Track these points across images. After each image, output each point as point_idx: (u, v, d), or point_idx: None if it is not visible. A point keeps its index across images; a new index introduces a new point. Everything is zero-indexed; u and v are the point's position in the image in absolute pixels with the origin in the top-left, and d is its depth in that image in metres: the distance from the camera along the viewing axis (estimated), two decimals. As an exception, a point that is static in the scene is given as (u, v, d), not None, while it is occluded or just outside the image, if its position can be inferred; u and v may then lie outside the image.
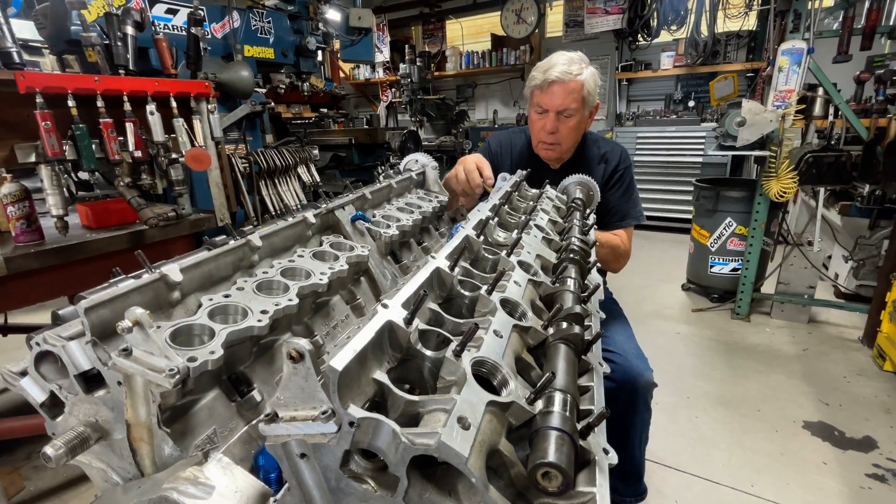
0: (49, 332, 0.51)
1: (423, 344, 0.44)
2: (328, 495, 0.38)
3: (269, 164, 2.40)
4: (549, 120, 1.52)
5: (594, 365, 0.52)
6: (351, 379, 0.37)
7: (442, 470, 0.35)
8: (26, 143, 1.54)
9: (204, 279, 0.61)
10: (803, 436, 2.34)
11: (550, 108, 1.51)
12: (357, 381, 0.38)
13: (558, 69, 1.48)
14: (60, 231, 1.64)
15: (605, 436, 0.41)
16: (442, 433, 0.32)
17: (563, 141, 1.56)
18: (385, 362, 0.43)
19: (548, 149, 1.61)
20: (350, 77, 7.91)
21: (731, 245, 3.71)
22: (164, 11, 2.37)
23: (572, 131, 1.55)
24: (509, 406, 0.40)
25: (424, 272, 0.54)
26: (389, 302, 0.44)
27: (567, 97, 1.48)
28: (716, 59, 5.62)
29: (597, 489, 0.36)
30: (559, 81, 1.47)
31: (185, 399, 0.51)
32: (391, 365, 0.43)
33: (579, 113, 1.52)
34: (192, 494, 0.39)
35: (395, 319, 0.43)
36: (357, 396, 0.38)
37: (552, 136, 1.55)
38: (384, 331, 0.42)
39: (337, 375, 0.34)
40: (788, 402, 2.63)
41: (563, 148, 1.60)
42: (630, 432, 1.48)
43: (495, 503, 0.32)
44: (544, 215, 0.96)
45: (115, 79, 1.63)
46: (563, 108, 1.49)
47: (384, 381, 0.39)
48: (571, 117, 1.52)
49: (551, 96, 1.49)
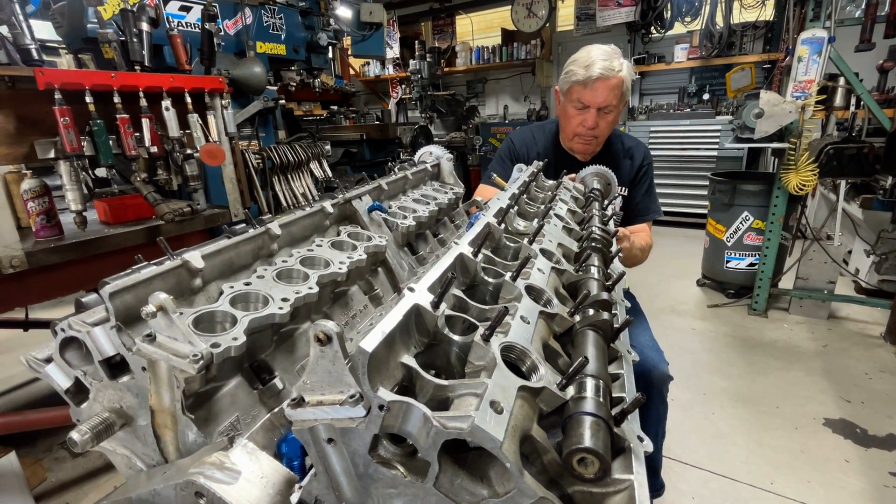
0: (74, 318, 0.51)
1: (450, 329, 0.44)
2: (356, 481, 0.37)
3: (281, 159, 2.41)
4: (591, 116, 1.51)
5: (623, 353, 0.50)
6: (380, 362, 0.36)
7: (473, 456, 0.34)
8: (45, 140, 1.56)
9: (224, 267, 0.61)
10: (824, 433, 2.29)
11: (592, 105, 1.50)
12: (385, 365, 0.37)
13: (600, 65, 1.45)
14: (79, 226, 1.66)
15: (639, 423, 0.40)
16: (475, 416, 0.31)
17: (601, 135, 1.59)
18: (412, 347, 0.42)
19: (586, 143, 1.61)
20: (360, 74, 7.91)
21: (748, 240, 3.64)
22: (178, 9, 2.38)
23: (610, 126, 1.57)
24: (540, 391, 0.39)
25: (448, 258, 0.53)
26: (416, 286, 0.43)
27: (610, 94, 1.47)
28: (731, 51, 5.52)
29: (634, 476, 0.34)
30: (602, 78, 1.45)
31: (208, 386, 0.51)
32: (418, 350, 0.42)
33: (617, 109, 1.53)
34: (219, 479, 0.38)
35: (423, 303, 0.42)
36: (386, 380, 0.37)
37: (593, 130, 1.54)
38: (411, 314, 0.41)
39: (367, 358, 0.33)
40: (808, 399, 2.58)
41: (599, 142, 1.62)
42: (645, 425, 1.46)
43: (530, 488, 0.31)
44: (563, 205, 0.95)
45: (131, 75, 1.65)
46: (606, 104, 1.49)
47: (412, 364, 0.38)
48: (610, 113, 1.52)
49: (594, 93, 1.47)
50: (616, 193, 1.33)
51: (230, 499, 0.37)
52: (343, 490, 0.38)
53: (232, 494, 0.38)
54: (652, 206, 1.70)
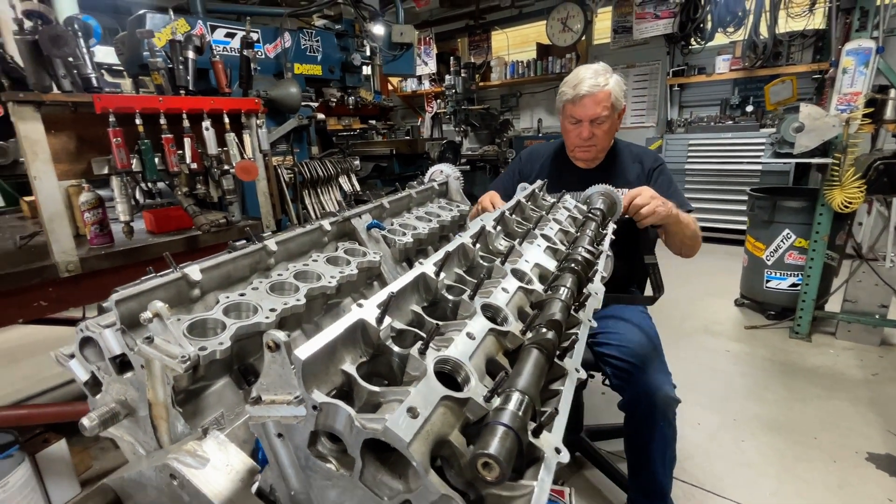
0: (91, 321, 0.60)
1: (399, 342, 0.48)
2: (300, 472, 0.43)
3: (311, 174, 2.55)
4: (584, 128, 1.67)
5: (570, 370, 0.53)
6: (318, 368, 0.42)
7: (395, 456, 0.38)
8: (101, 157, 1.74)
9: (223, 279, 0.68)
10: (866, 469, 2.14)
11: (584, 119, 1.65)
12: (325, 371, 0.43)
13: (587, 83, 1.62)
14: (127, 235, 1.83)
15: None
16: (388, 420, 0.36)
17: (599, 142, 1.71)
18: (359, 356, 0.47)
19: (585, 150, 1.75)
20: (398, 89, 8.15)
21: (790, 258, 3.46)
22: (224, 35, 2.59)
23: (605, 134, 1.70)
24: (466, 402, 0.43)
25: (408, 276, 0.58)
26: (365, 302, 0.49)
27: (598, 107, 1.62)
28: (778, 61, 5.30)
29: (537, 483, 0.38)
30: (589, 95, 1.62)
31: (197, 384, 0.58)
32: (364, 359, 0.47)
33: (610, 118, 1.66)
34: (189, 464, 0.45)
35: (368, 318, 0.47)
36: (323, 384, 0.42)
37: (589, 140, 1.70)
38: (357, 328, 0.47)
39: (301, 364, 0.39)
40: (851, 430, 2.41)
41: (598, 147, 1.74)
42: (650, 447, 1.45)
43: (434, 486, 0.35)
44: (555, 225, 0.98)
45: (176, 99, 1.81)
46: (596, 116, 1.64)
47: (351, 372, 0.43)
48: (603, 123, 1.66)
49: (583, 108, 1.64)
50: (621, 213, 1.34)
51: (197, 482, 0.43)
52: (290, 480, 0.44)
53: (199, 478, 0.44)
54: (683, 200, 1.74)
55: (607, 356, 1.56)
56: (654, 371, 1.41)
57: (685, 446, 2.37)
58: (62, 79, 1.56)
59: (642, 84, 6.45)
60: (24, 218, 2.51)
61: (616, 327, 1.62)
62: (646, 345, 1.52)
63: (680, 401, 1.44)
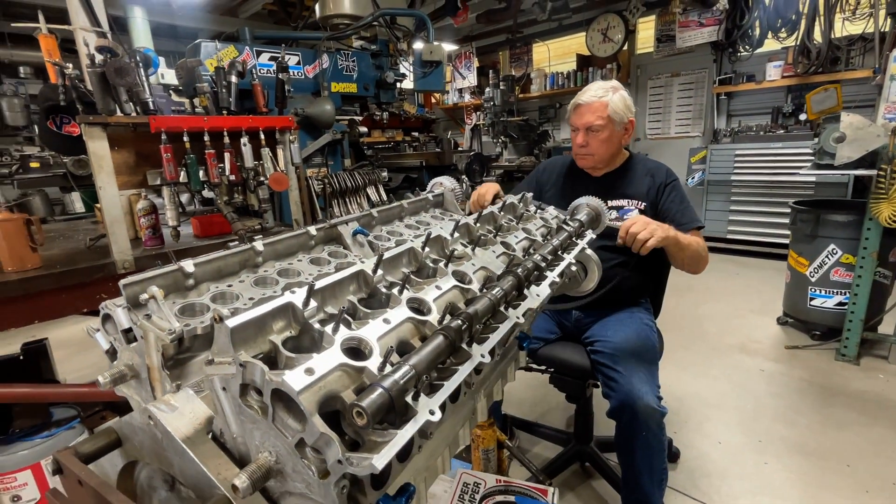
0: (110, 301, 0.76)
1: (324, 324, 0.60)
2: (237, 418, 0.55)
3: (340, 185, 2.75)
4: (580, 135, 1.80)
5: (474, 355, 0.63)
6: (247, 336, 0.54)
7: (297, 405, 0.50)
8: (154, 170, 2.02)
9: (214, 272, 0.83)
10: (900, 501, 2.01)
11: (581, 126, 1.79)
12: (254, 339, 0.56)
13: (587, 95, 1.78)
14: (174, 238, 2.09)
15: (443, 401, 0.53)
16: (287, 374, 0.48)
17: (595, 151, 1.81)
18: (288, 331, 0.59)
19: (582, 158, 1.87)
20: (440, 102, 8.37)
21: (836, 275, 3.26)
22: (268, 59, 2.86)
23: (603, 143, 1.79)
24: (363, 370, 0.53)
25: (347, 271, 0.70)
26: (297, 290, 0.61)
27: (592, 115, 1.75)
28: (836, 67, 5.00)
29: (399, 432, 0.48)
30: (585, 104, 1.77)
31: (185, 354, 0.73)
32: (293, 334, 0.60)
33: (607, 129, 1.76)
34: (162, 410, 0.59)
35: (296, 301, 0.59)
36: (251, 349, 0.55)
37: (584, 148, 1.81)
38: (287, 308, 0.59)
39: (228, 331, 0.52)
40: (890, 460, 2.26)
41: (595, 157, 1.83)
42: (634, 457, 1.47)
43: (315, 426, 0.46)
44: (522, 233, 1.06)
45: (218, 118, 2.06)
46: (590, 124, 1.75)
47: (276, 341, 0.56)
48: (599, 132, 1.76)
49: (579, 116, 1.79)
50: (604, 226, 1.40)
51: (165, 422, 0.57)
52: (231, 425, 0.57)
53: (166, 419, 0.58)
54: (693, 216, 1.80)
55: (599, 363, 1.60)
56: (639, 381, 1.44)
57: (703, 464, 2.32)
58: (124, 103, 1.83)
59: (687, 93, 6.27)
60: (98, 222, 2.88)
61: (612, 335, 1.66)
62: (636, 353, 1.55)
63: (665, 412, 1.46)
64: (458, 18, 5.68)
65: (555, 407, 2.84)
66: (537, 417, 2.73)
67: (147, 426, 0.61)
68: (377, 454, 0.46)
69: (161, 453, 0.61)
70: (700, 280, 4.89)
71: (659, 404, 1.45)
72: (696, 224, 1.79)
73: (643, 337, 1.66)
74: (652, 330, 1.78)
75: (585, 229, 1.24)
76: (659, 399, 1.47)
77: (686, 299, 4.37)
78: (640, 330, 1.71)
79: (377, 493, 0.54)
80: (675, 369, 3.14)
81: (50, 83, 2.31)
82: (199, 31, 6.17)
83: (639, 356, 1.55)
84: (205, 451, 0.57)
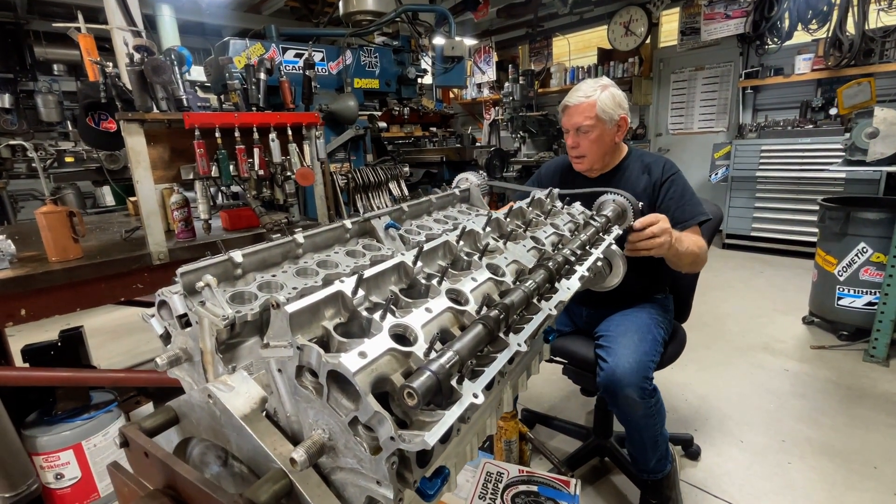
0: (166, 288, 0.81)
1: (371, 312, 0.63)
2: (291, 398, 0.59)
3: (363, 180, 2.79)
4: (570, 136, 1.80)
5: (511, 344, 0.66)
6: (303, 321, 0.58)
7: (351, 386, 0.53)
8: (188, 165, 2.08)
9: (259, 263, 0.88)
10: (930, 504, 1.97)
11: (570, 128, 1.78)
12: (309, 324, 0.59)
13: (574, 96, 1.76)
14: (205, 231, 2.16)
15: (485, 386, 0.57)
16: (343, 357, 0.51)
17: (586, 153, 1.79)
18: (338, 317, 0.63)
19: (576, 161, 1.87)
20: (458, 97, 8.37)
21: (865, 275, 3.19)
22: (293, 55, 2.92)
23: (594, 144, 1.77)
24: (410, 354, 0.57)
25: (389, 263, 0.74)
26: (347, 279, 0.65)
27: (580, 116, 1.73)
28: (870, 59, 4.84)
29: (447, 413, 0.51)
30: (574, 105, 1.75)
31: (236, 339, 0.77)
32: (342, 321, 0.63)
33: (596, 128, 1.74)
34: (221, 389, 0.63)
35: (345, 290, 0.63)
36: (306, 333, 0.58)
37: (575, 150, 1.81)
38: (337, 296, 0.63)
39: (287, 316, 0.55)
40: (921, 463, 2.22)
41: (589, 159, 1.81)
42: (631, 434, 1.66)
43: (370, 405, 0.50)
44: (550, 228, 1.08)
45: (248, 115, 2.12)
46: (579, 125, 1.74)
47: (328, 327, 0.59)
48: (589, 132, 1.74)
49: (568, 117, 1.78)
50: (630, 222, 1.40)
51: (224, 400, 0.62)
52: (286, 405, 0.61)
53: (224, 398, 0.62)
54: (693, 211, 1.74)
55: (596, 354, 1.64)
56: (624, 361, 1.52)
57: (724, 462, 2.31)
58: (160, 100, 1.89)
59: (712, 87, 6.15)
60: (129, 215, 2.98)
61: (614, 328, 1.70)
62: (630, 341, 1.60)
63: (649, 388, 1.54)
64: (478, 13, 5.67)
65: (571, 403, 2.86)
66: (551, 412, 2.75)
67: (206, 404, 0.65)
68: (428, 432, 0.49)
69: (218, 430, 0.65)
70: (723, 278, 4.82)
71: (642, 380, 1.49)
72: (698, 219, 1.74)
73: (643, 328, 1.68)
74: (657, 324, 1.75)
75: (612, 225, 1.25)
76: (646, 379, 1.51)
77: (708, 297, 4.31)
78: (642, 323, 1.71)
79: (422, 470, 0.58)
80: (697, 368, 3.12)
81: (88, 81, 2.40)
82: (224, 29, 6.28)
83: (632, 344, 1.58)
84: (261, 428, 0.61)
